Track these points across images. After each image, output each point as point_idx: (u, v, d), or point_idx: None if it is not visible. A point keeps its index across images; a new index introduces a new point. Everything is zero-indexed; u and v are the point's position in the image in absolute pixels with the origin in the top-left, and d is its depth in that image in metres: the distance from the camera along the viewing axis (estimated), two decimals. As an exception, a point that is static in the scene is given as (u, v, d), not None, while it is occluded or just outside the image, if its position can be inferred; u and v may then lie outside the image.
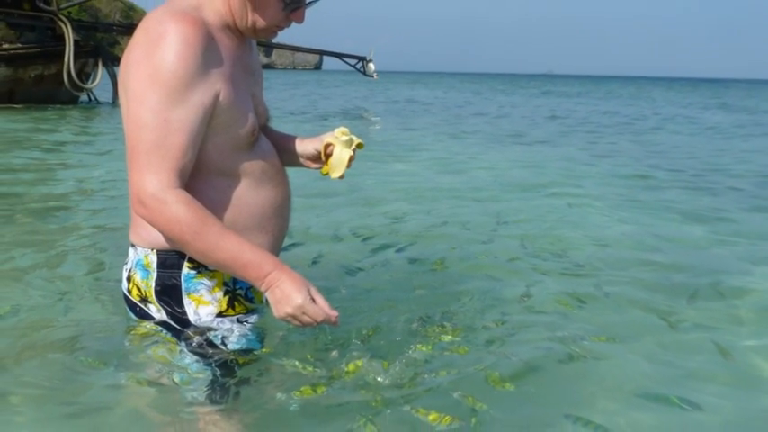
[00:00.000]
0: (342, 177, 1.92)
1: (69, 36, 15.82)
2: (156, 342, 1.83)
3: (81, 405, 1.76)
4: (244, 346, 1.82)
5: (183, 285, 1.78)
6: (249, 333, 1.84)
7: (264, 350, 1.87)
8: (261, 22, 1.73)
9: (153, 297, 1.80)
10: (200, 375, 1.76)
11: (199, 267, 1.77)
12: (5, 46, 15.77)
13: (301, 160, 2.02)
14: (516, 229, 4.05)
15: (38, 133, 9.97)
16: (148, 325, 1.84)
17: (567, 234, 3.94)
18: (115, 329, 2.11)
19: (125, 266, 1.88)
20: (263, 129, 1.93)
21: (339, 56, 22.10)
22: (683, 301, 2.82)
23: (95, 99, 17.78)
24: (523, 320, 2.47)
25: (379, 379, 1.82)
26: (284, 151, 1.97)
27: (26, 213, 4.24)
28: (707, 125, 15.38)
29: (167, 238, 1.66)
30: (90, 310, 2.41)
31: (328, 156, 1.92)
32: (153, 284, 1.79)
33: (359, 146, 1.94)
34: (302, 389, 1.75)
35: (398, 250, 3.44)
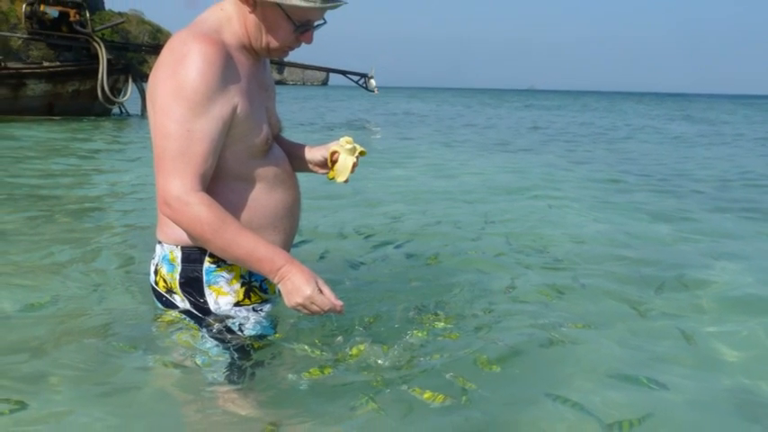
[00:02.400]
0: (346, 181, 1.93)
1: (103, 55, 15.86)
2: (181, 329, 1.83)
3: (113, 385, 1.77)
4: (259, 332, 1.82)
5: (205, 278, 1.78)
6: (264, 320, 1.84)
7: (277, 336, 1.87)
8: (274, 43, 1.73)
9: (177, 288, 1.80)
10: (220, 358, 1.76)
11: (218, 262, 1.77)
12: (46, 64, 15.84)
13: (310, 166, 2.02)
14: (502, 228, 4.04)
15: (74, 142, 9.98)
16: (173, 313, 1.85)
17: (548, 232, 3.93)
18: (144, 317, 2.11)
19: (152, 261, 1.88)
20: (276, 138, 1.93)
21: (344, 73, 22.08)
22: (651, 291, 2.82)
23: (126, 111, 17.78)
24: (508, 309, 2.47)
25: (379, 361, 1.82)
26: (295, 158, 1.97)
27: (64, 214, 4.24)
28: (673, 135, 15.36)
29: (190, 236, 1.66)
30: (121, 300, 2.41)
31: (334, 162, 1.92)
32: (177, 277, 1.79)
33: (361, 153, 1.94)
34: (311, 370, 1.76)
35: (397, 247, 3.44)
